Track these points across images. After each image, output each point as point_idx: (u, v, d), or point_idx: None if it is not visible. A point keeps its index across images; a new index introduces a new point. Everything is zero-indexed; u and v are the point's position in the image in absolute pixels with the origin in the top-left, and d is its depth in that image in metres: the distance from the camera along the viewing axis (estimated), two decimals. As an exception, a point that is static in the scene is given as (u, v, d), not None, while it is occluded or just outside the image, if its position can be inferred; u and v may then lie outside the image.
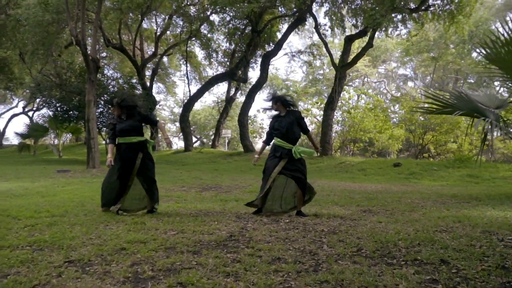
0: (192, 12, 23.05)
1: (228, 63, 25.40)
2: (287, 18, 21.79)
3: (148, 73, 28.22)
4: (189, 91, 27.12)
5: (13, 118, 48.43)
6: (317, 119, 24.45)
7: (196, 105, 34.29)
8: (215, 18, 24.37)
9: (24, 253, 3.37)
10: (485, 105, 7.03)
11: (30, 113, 41.08)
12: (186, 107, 25.22)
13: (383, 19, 14.76)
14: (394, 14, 16.74)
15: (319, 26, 19.65)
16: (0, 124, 43.34)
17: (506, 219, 4.97)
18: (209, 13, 22.32)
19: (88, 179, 10.76)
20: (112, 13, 20.15)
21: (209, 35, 24.60)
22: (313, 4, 19.59)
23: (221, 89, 77.84)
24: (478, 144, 18.53)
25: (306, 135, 5.78)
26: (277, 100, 5.59)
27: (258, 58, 24.06)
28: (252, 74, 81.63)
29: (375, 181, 11.56)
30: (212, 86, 26.97)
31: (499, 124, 6.70)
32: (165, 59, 30.62)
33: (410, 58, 36.45)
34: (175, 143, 45.74)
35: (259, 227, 4.56)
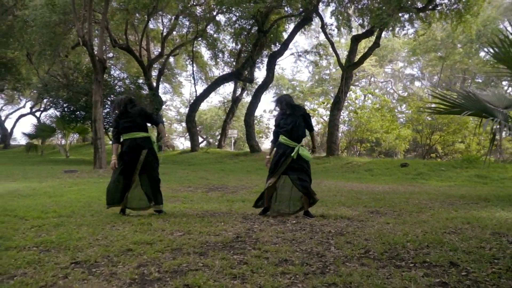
0: (198, 12, 23.06)
1: (234, 63, 25.40)
2: (293, 18, 21.74)
3: (155, 74, 28.28)
4: (195, 91, 27.17)
5: (21, 119, 48.81)
6: (324, 119, 24.41)
7: (202, 105, 34.38)
8: (221, 18, 24.39)
9: (31, 254, 3.38)
10: (494, 105, 6.96)
11: (38, 114, 41.38)
12: (192, 107, 25.25)
13: (390, 19, 14.66)
14: (401, 14, 16.63)
15: (326, 26, 19.57)
16: (8, 125, 43.62)
17: (516, 221, 4.91)
18: (215, 13, 22.32)
19: (95, 179, 10.79)
20: (119, 14, 20.22)
21: (215, 35, 24.62)
22: (320, 4, 19.53)
23: (227, 89, 77.89)
24: (486, 144, 18.42)
25: (310, 133, 5.72)
26: (282, 101, 5.58)
27: (264, 58, 24.04)
28: (258, 74, 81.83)
29: (382, 182, 11.50)
30: (218, 86, 26.96)
31: (508, 124, 6.63)
32: (172, 60, 30.66)
33: (417, 58, 36.26)
34: (181, 143, 45.91)
35: (266, 228, 4.54)
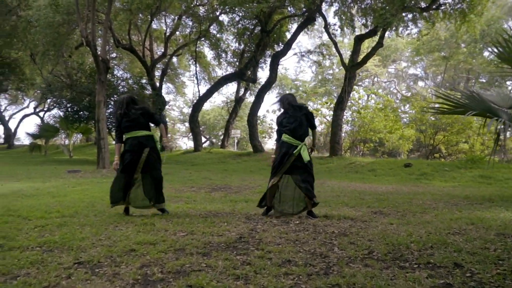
0: (202, 13, 23.08)
1: (237, 63, 25.40)
2: (297, 18, 21.72)
3: (158, 74, 28.31)
4: (199, 91, 27.14)
5: (24, 119, 49.11)
6: (327, 119, 24.38)
7: (206, 105, 34.40)
8: (224, 18, 24.38)
9: (34, 254, 3.38)
10: (498, 105, 6.92)
11: (41, 114, 41.55)
12: (196, 107, 25.26)
13: (394, 19, 14.61)
14: (405, 13, 16.57)
15: (329, 26, 19.53)
16: (12, 125, 43.64)
17: (521, 221, 4.88)
18: (218, 13, 22.34)
19: (98, 179, 10.81)
20: (122, 14, 20.26)
21: (218, 35, 24.61)
22: (323, 4, 19.50)
23: (230, 89, 78.15)
24: (490, 145, 18.33)
25: (312, 131, 5.68)
26: (285, 101, 5.57)
27: (267, 58, 24.01)
28: (261, 74, 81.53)
29: (386, 182, 11.47)
30: (222, 86, 26.94)
31: (512, 124, 6.58)
32: (175, 60, 30.70)
33: (421, 58, 36.19)
34: (184, 143, 45.92)
35: (269, 229, 4.53)
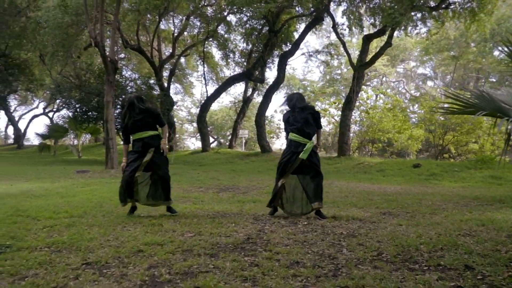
0: (209, 13, 23.11)
1: (245, 64, 25.40)
2: (304, 18, 21.67)
3: (166, 74, 28.40)
4: (206, 92, 27.20)
5: (34, 119, 49.44)
6: (335, 119, 24.28)
7: (213, 106, 34.40)
8: (232, 19, 24.47)
9: (42, 255, 3.39)
10: (509, 105, 6.82)
11: (50, 114, 41.93)
12: (203, 108, 25.31)
13: (402, 18, 14.51)
14: (414, 13, 16.47)
15: (337, 26, 19.47)
16: (22, 125, 44.24)
17: (532, 223, 4.81)
18: (226, 14, 22.35)
19: (107, 180, 10.84)
20: (130, 15, 20.33)
21: (226, 36, 24.62)
22: (331, 4, 19.43)
23: (238, 90, 78.09)
24: (501, 145, 18.14)
25: (317, 131, 5.62)
26: (292, 99, 5.55)
27: (275, 58, 23.98)
28: (269, 74, 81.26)
29: (395, 182, 11.38)
30: (229, 87, 26.98)
31: (524, 124, 6.49)
32: (183, 60, 30.75)
33: (430, 57, 35.92)
34: (192, 143, 46.00)
35: (277, 230, 4.50)
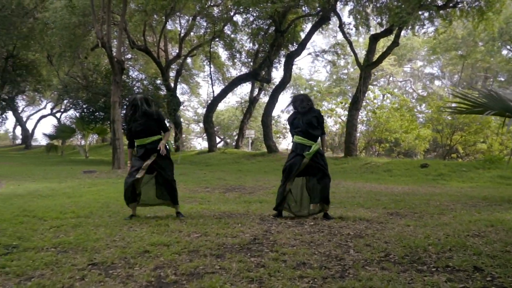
0: (216, 13, 23.14)
1: (252, 64, 25.40)
2: (311, 18, 21.61)
3: (172, 74, 28.47)
4: (213, 92, 27.20)
5: (42, 120, 49.62)
6: (342, 119, 24.20)
7: (220, 106, 34.39)
8: (239, 19, 24.39)
9: (49, 255, 3.39)
10: (518, 104, 6.76)
11: (58, 115, 42.17)
12: (210, 108, 25.33)
13: (410, 17, 14.41)
14: (421, 12, 16.36)
15: (344, 25, 19.40)
16: (29, 125, 44.48)
17: (542, 224, 4.74)
18: (233, 14, 22.36)
19: (113, 180, 10.87)
20: (137, 15, 20.40)
21: (233, 36, 24.66)
22: (337, 3, 19.36)
23: (245, 90, 77.96)
24: (509, 144, 18.01)
25: (321, 137, 5.49)
26: (298, 100, 5.51)
27: (282, 58, 23.94)
28: (276, 74, 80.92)
29: (402, 183, 11.30)
30: (236, 87, 26.98)
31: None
32: (189, 60, 30.83)
33: (437, 57, 35.68)
34: (199, 144, 46.09)
35: (283, 230, 4.48)
